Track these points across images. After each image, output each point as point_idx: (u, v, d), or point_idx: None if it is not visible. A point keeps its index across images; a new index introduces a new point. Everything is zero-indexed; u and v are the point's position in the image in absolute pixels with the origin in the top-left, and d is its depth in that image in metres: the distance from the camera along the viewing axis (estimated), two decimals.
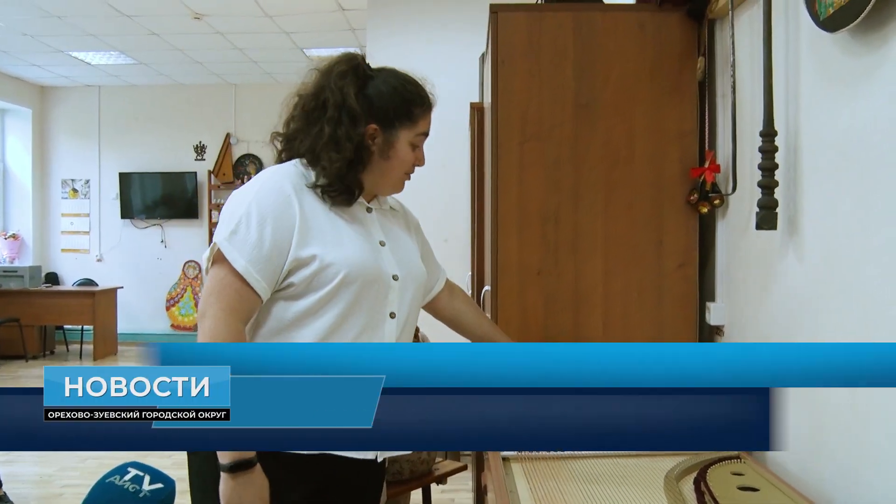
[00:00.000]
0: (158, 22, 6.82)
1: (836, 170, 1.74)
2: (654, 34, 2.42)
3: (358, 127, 1.64)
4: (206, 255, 1.59)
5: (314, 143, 1.64)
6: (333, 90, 1.64)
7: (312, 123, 1.66)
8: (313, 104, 1.66)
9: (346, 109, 1.63)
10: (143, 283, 9.68)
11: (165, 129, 9.60)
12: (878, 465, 1.58)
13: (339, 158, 1.62)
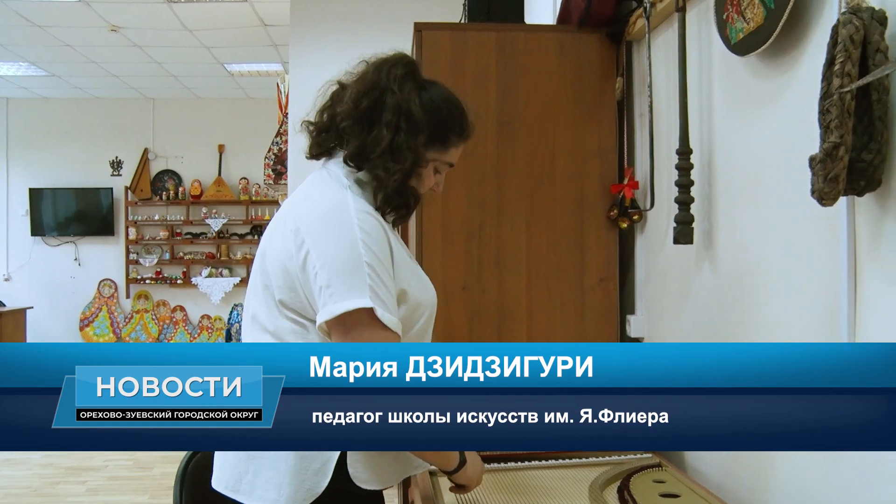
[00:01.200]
0: (73, 33, 6.63)
1: (747, 186, 1.82)
2: (575, 55, 2.49)
3: (418, 136, 1.49)
4: (335, 310, 1.38)
5: (366, 147, 1.49)
6: (395, 91, 1.49)
7: (366, 124, 1.50)
8: (367, 103, 1.50)
9: (407, 116, 1.49)
10: (56, 303, 9.33)
11: (80, 143, 9.30)
12: (786, 472, 1.65)
13: (399, 169, 1.48)
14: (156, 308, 9.43)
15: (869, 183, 1.29)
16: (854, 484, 1.41)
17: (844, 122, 1.22)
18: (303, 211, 1.48)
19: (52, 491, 4.80)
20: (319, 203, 1.48)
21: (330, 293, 1.39)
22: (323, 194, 1.50)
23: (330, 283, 1.39)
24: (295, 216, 1.48)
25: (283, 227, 1.50)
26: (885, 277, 1.33)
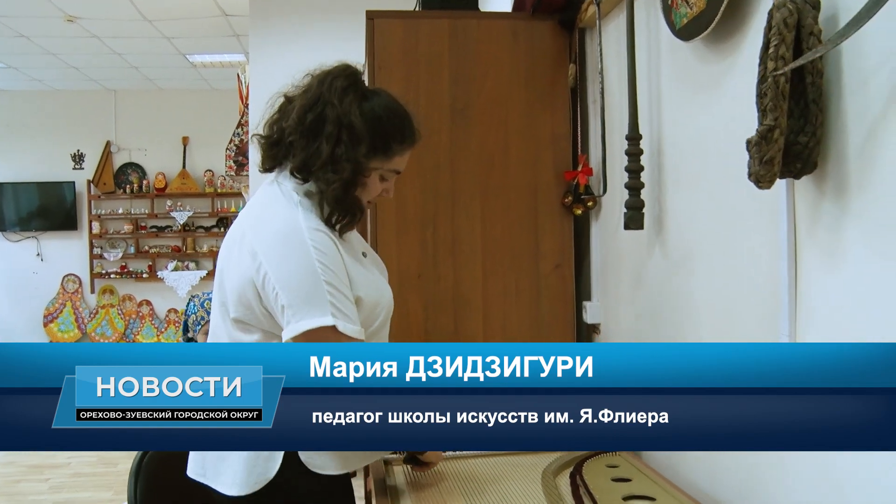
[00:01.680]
0: (27, 24, 6.49)
1: (694, 171, 1.83)
2: (528, 42, 2.48)
3: (357, 147, 1.53)
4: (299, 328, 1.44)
5: (309, 159, 1.54)
6: (335, 105, 1.54)
7: (309, 137, 1.55)
8: (311, 117, 1.55)
9: (347, 128, 1.53)
10: (18, 299, 9.17)
11: (40, 136, 9.13)
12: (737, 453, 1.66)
13: (337, 180, 1.53)
14: (121, 303, 9.31)
15: (805, 165, 1.31)
16: (793, 468, 1.43)
17: (779, 104, 1.23)
18: (259, 233, 1.52)
19: (14, 490, 4.73)
20: (274, 224, 1.52)
21: (292, 312, 1.45)
22: (275, 214, 1.54)
23: (291, 304, 1.45)
24: (251, 238, 1.52)
25: (239, 246, 1.54)
26: (823, 259, 1.35)
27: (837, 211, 1.30)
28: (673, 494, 1.71)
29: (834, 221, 1.31)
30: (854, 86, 1.25)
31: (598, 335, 2.53)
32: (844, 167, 1.27)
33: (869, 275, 1.23)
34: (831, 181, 1.31)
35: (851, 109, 1.26)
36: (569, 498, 1.71)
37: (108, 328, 9.25)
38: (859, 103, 1.24)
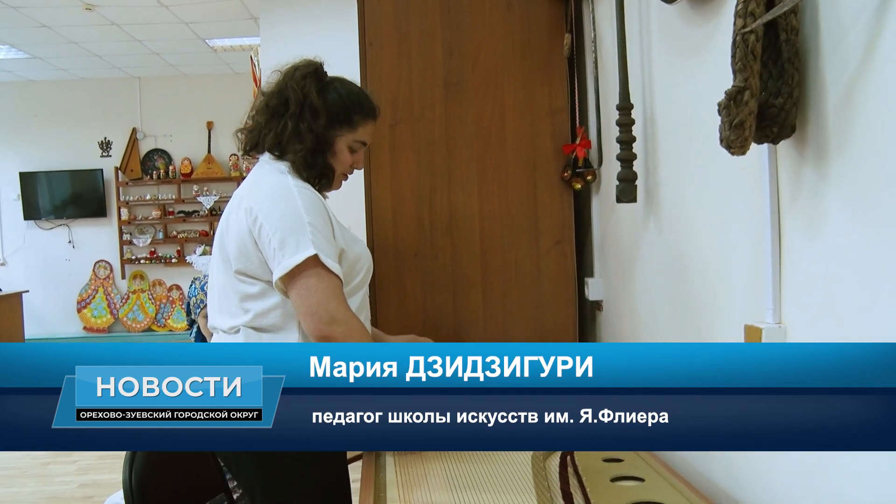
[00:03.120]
0: (48, 14, 6.54)
1: (684, 140, 1.77)
2: (523, 12, 2.41)
3: (318, 120, 1.80)
4: (288, 265, 1.65)
5: (279, 136, 1.81)
6: (295, 89, 1.80)
7: (276, 118, 1.82)
8: (276, 101, 1.82)
9: (308, 105, 1.80)
10: (52, 286, 9.33)
11: (68, 125, 9.24)
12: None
13: (302, 149, 1.79)
14: (152, 288, 9.43)
15: (782, 129, 1.24)
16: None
17: (749, 64, 1.17)
18: (253, 194, 1.76)
19: (44, 472, 4.82)
20: (266, 185, 1.77)
21: (283, 252, 1.67)
22: (268, 180, 1.78)
23: (282, 244, 1.67)
24: (248, 199, 1.75)
25: (237, 208, 1.77)
26: (805, 227, 1.28)
27: (817, 177, 1.23)
28: (662, 475, 1.66)
29: (814, 188, 1.24)
30: (832, 41, 1.18)
31: (601, 312, 2.48)
32: (823, 130, 1.21)
33: (849, 242, 1.16)
34: (811, 145, 1.24)
35: (829, 68, 1.18)
36: (556, 479, 1.67)
37: (139, 313, 9.38)
38: (837, 60, 1.16)
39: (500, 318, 2.42)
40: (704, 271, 1.69)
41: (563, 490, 1.58)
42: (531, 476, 1.69)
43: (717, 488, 1.64)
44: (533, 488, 1.62)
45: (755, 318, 1.41)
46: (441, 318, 2.40)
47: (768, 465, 1.43)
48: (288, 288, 1.69)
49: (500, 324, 2.42)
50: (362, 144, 1.91)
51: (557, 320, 2.44)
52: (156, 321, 9.38)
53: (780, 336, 1.33)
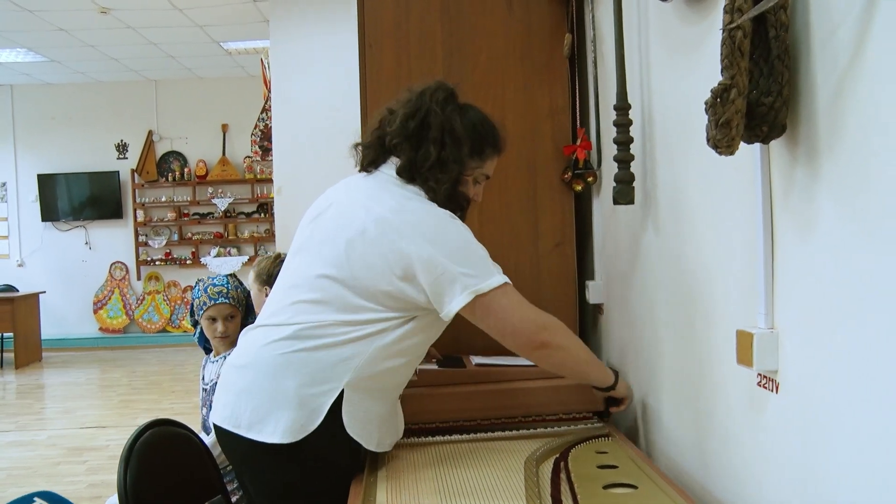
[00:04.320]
0: (64, 17, 6.60)
1: (680, 139, 1.73)
2: (523, 12, 2.39)
3: (462, 149, 1.75)
4: (480, 289, 1.65)
5: (417, 161, 1.74)
6: (438, 113, 1.74)
7: (413, 141, 1.75)
8: (415, 124, 1.75)
9: (451, 133, 1.74)
10: (68, 287, 9.42)
11: (85, 127, 9.33)
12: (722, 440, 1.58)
13: (446, 179, 1.73)
14: (167, 289, 9.48)
15: (773, 128, 1.20)
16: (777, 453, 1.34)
17: (735, 61, 1.13)
18: (408, 220, 1.68)
19: (54, 471, 4.84)
20: (420, 213, 1.70)
21: (470, 278, 1.64)
22: (415, 206, 1.72)
23: (468, 272, 1.64)
24: (400, 225, 1.67)
25: (380, 230, 1.67)
26: (797, 229, 1.25)
27: (809, 178, 1.19)
28: (656, 482, 1.62)
29: (807, 189, 1.21)
30: (822, 38, 1.14)
31: (602, 316, 2.44)
32: (814, 129, 1.17)
33: (840, 243, 1.13)
34: (802, 145, 1.20)
35: (819, 65, 1.15)
36: (548, 485, 1.63)
37: (154, 314, 9.43)
38: (827, 57, 1.13)
39: None
40: (701, 275, 1.66)
41: (554, 496, 1.55)
42: (523, 482, 1.66)
43: (711, 496, 1.61)
44: (524, 494, 1.58)
45: (748, 323, 1.37)
46: None
47: (763, 472, 1.39)
48: (473, 314, 1.67)
49: None
50: (486, 178, 1.87)
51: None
52: (170, 322, 9.43)
53: (773, 341, 1.30)
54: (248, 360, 1.75)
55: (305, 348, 1.69)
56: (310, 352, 1.69)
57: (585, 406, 2.11)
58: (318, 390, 1.67)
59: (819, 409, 1.20)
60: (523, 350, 1.75)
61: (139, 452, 2.08)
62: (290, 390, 1.67)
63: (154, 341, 9.31)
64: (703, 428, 1.66)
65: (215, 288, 2.63)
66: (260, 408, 1.69)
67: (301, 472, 1.71)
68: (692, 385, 1.71)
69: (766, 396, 1.35)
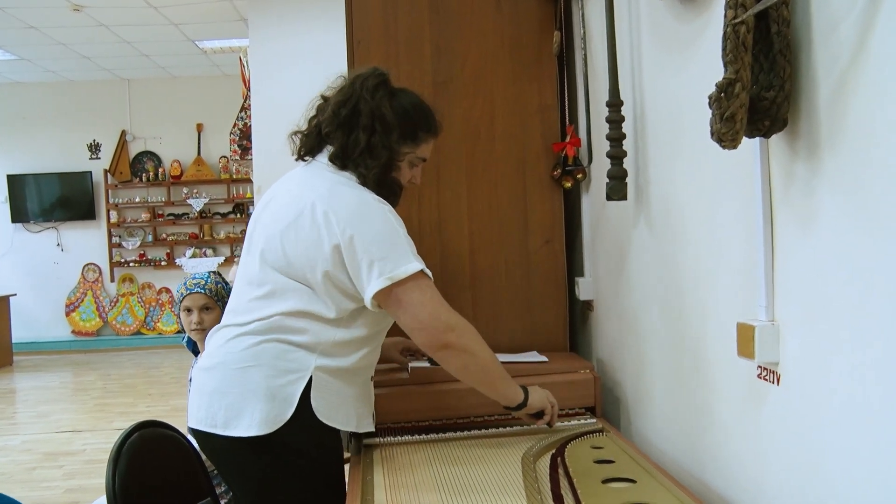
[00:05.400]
0: (35, 14, 6.50)
1: (673, 135, 1.75)
2: (512, 10, 2.39)
3: (391, 135, 1.77)
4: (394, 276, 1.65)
5: (348, 148, 1.77)
6: (368, 100, 1.76)
7: (345, 129, 1.77)
8: (346, 111, 1.77)
9: (380, 119, 1.76)
10: (40, 289, 9.27)
11: (56, 127, 9.19)
12: (719, 432, 1.59)
13: (375, 165, 1.76)
14: (141, 291, 9.38)
15: (774, 123, 1.22)
16: (777, 444, 1.35)
17: (739, 56, 1.14)
18: (335, 205, 1.70)
19: (29, 476, 4.77)
20: (348, 197, 1.72)
21: (386, 264, 1.65)
22: (344, 191, 1.74)
23: (385, 256, 1.66)
24: (326, 209, 1.69)
25: (311, 215, 1.70)
26: (798, 224, 1.26)
27: (810, 173, 1.21)
28: (654, 476, 1.63)
29: (806, 183, 1.22)
30: (823, 33, 1.15)
31: (592, 312, 2.45)
32: (815, 124, 1.18)
33: (841, 238, 1.14)
34: (803, 139, 1.22)
35: (821, 60, 1.16)
36: (547, 481, 1.64)
37: (128, 316, 9.32)
38: (829, 52, 1.14)
39: (491, 319, 2.39)
40: (695, 269, 1.67)
41: (554, 492, 1.56)
42: (521, 478, 1.66)
43: (708, 489, 1.62)
44: (523, 490, 1.59)
45: (746, 316, 1.39)
46: None
47: (763, 462, 1.41)
48: (387, 303, 1.68)
49: (489, 325, 2.39)
50: (422, 161, 1.88)
51: (548, 321, 2.41)
52: (145, 324, 9.33)
53: (773, 334, 1.31)
54: (215, 361, 1.78)
55: (266, 340, 1.73)
56: (271, 343, 1.73)
57: (578, 402, 2.12)
58: (286, 380, 1.71)
59: (820, 400, 1.21)
60: (429, 348, 1.73)
61: (128, 454, 2.05)
62: (259, 383, 1.70)
63: (128, 344, 9.20)
64: (698, 421, 1.68)
65: (193, 280, 2.62)
66: (233, 405, 1.71)
67: (280, 462, 1.73)
68: (687, 379, 1.72)
69: (766, 388, 1.37)
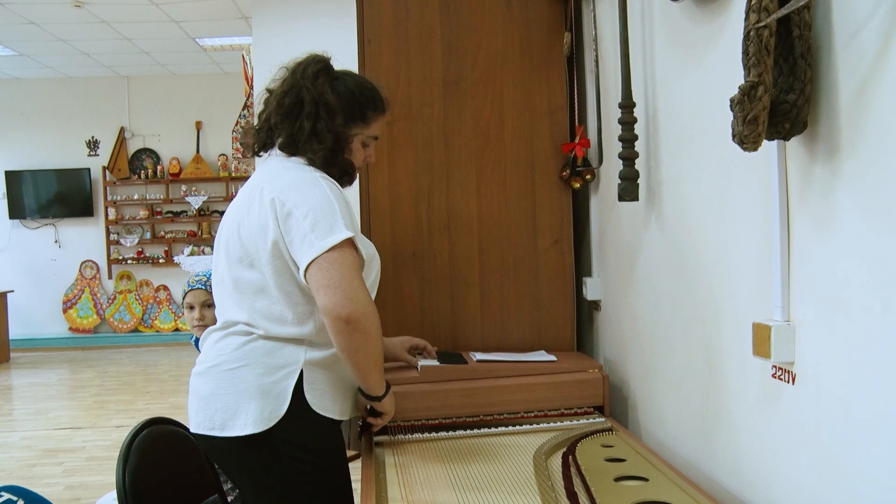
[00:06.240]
0: (36, 10, 6.49)
1: (686, 137, 1.76)
2: (522, 11, 2.40)
3: (335, 119, 1.80)
4: (322, 246, 1.65)
5: (294, 136, 1.80)
6: (309, 88, 1.79)
7: (290, 118, 1.81)
8: (289, 101, 1.80)
9: (324, 104, 1.79)
10: (37, 286, 9.25)
11: (54, 124, 9.17)
12: (732, 431, 1.60)
13: (322, 148, 1.79)
14: (139, 288, 9.36)
15: (794, 126, 1.23)
16: (792, 442, 1.37)
17: (762, 59, 1.16)
18: (277, 183, 1.74)
19: (29, 473, 4.76)
20: (291, 175, 1.76)
21: (315, 234, 1.66)
22: (291, 171, 1.78)
23: (314, 227, 1.66)
24: (270, 189, 1.74)
25: (259, 199, 1.75)
26: (815, 226, 1.27)
27: (829, 175, 1.22)
28: (666, 474, 1.64)
29: (825, 186, 1.23)
30: (844, 38, 1.17)
31: (599, 312, 2.47)
32: (835, 127, 1.20)
33: (861, 240, 1.15)
34: (822, 142, 1.23)
35: (842, 64, 1.18)
36: (560, 479, 1.65)
37: (126, 313, 9.31)
38: (850, 57, 1.16)
39: (498, 318, 2.41)
40: (708, 269, 1.68)
41: (568, 489, 1.57)
42: (533, 476, 1.67)
43: (721, 488, 1.63)
44: (536, 488, 1.60)
45: (762, 316, 1.40)
46: (439, 319, 2.39)
47: (777, 461, 1.42)
48: (316, 268, 1.65)
49: (497, 324, 2.41)
50: (374, 139, 1.91)
51: (555, 320, 2.43)
52: (142, 322, 9.32)
53: (789, 334, 1.33)
54: (207, 365, 1.81)
55: (252, 339, 1.75)
56: (259, 341, 1.75)
57: (587, 401, 2.13)
58: (277, 376, 1.73)
59: (836, 399, 1.23)
60: (331, 315, 1.63)
61: (137, 451, 2.06)
62: (252, 382, 1.73)
63: (126, 341, 9.19)
64: (710, 420, 1.69)
65: (196, 277, 2.63)
66: (228, 406, 1.74)
67: (283, 457, 1.74)
68: (699, 378, 1.74)
69: (781, 388, 1.38)
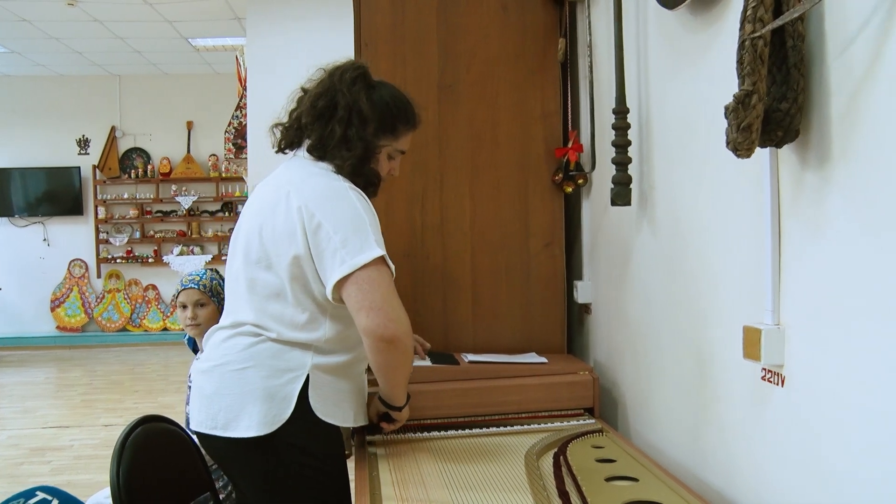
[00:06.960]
0: (29, 8, 6.46)
1: (679, 143, 1.79)
2: (518, 16, 2.43)
3: (367, 127, 1.79)
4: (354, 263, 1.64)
5: (324, 139, 1.79)
6: (345, 93, 1.79)
7: (322, 121, 1.80)
8: (323, 103, 1.80)
9: (357, 112, 1.78)
10: (25, 284, 9.19)
11: (45, 122, 9.12)
12: (722, 433, 1.63)
13: (351, 156, 1.78)
14: (128, 287, 9.33)
15: (787, 134, 1.26)
16: (781, 444, 1.39)
17: (756, 69, 1.18)
18: (305, 192, 1.72)
19: (16, 472, 4.74)
20: (319, 184, 1.74)
21: (347, 251, 1.65)
22: (321, 180, 1.75)
23: (346, 242, 1.65)
24: (297, 196, 1.71)
25: (286, 204, 1.72)
26: (806, 233, 1.30)
27: (820, 182, 1.25)
28: (656, 475, 1.67)
29: (817, 193, 1.26)
30: (837, 48, 1.20)
31: (590, 315, 2.49)
32: (827, 135, 1.23)
33: (850, 246, 1.18)
34: (814, 150, 1.26)
35: (834, 74, 1.21)
36: (551, 479, 1.67)
37: (114, 313, 9.27)
38: (842, 67, 1.19)
39: (490, 320, 2.43)
40: (699, 273, 1.71)
41: (559, 489, 1.59)
42: (525, 475, 1.69)
43: (710, 489, 1.66)
44: (528, 487, 1.62)
45: (752, 320, 1.43)
46: (431, 320, 2.40)
47: (767, 462, 1.44)
48: (344, 286, 1.65)
49: (488, 325, 2.43)
50: (400, 153, 1.90)
51: (546, 322, 2.45)
52: (131, 321, 9.28)
53: (779, 337, 1.35)
54: (212, 364, 1.80)
55: (260, 340, 1.75)
56: (267, 343, 1.74)
57: (577, 403, 2.15)
58: (283, 379, 1.73)
59: (824, 401, 1.25)
60: (372, 335, 1.64)
61: (131, 448, 2.07)
62: (257, 384, 1.72)
63: (114, 340, 9.15)
64: (700, 421, 1.72)
65: (189, 276, 2.63)
66: (232, 406, 1.73)
67: (285, 461, 1.74)
68: (689, 380, 1.76)
69: (770, 390, 1.40)
